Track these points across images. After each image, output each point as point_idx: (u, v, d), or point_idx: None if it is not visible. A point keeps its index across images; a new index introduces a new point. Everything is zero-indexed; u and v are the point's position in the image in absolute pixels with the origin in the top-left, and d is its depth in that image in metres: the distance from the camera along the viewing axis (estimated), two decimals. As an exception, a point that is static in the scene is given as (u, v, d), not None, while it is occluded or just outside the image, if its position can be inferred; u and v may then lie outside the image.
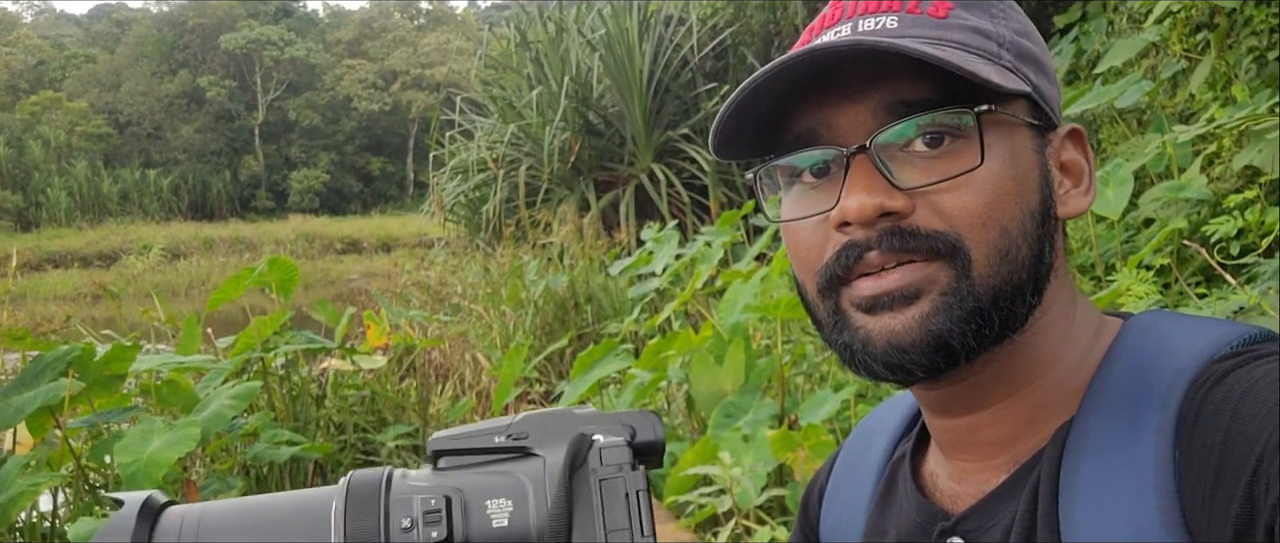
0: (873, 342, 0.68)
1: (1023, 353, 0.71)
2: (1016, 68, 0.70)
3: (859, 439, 0.89)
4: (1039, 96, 0.71)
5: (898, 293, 0.67)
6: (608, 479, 0.57)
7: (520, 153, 10.10)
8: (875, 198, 0.66)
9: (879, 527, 0.81)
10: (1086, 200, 0.74)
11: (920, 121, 0.67)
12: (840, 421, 2.89)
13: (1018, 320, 0.69)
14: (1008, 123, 0.69)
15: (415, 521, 0.55)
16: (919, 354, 0.67)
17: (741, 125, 0.73)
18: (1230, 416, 0.59)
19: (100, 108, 46.76)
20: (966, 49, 0.67)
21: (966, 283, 0.66)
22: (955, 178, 0.66)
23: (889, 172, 0.67)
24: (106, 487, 3.56)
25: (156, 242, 29.80)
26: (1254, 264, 2.30)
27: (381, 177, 50.01)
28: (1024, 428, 0.72)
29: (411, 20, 59.15)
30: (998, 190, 0.67)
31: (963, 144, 0.67)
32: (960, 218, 0.66)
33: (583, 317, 6.57)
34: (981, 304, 0.66)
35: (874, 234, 0.67)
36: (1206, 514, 0.58)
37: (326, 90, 50.24)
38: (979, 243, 0.66)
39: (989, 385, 0.72)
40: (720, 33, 9.81)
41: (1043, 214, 0.70)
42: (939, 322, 0.66)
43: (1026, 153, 0.70)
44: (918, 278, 0.66)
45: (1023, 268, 0.68)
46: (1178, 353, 0.66)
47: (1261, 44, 3.56)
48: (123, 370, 3.16)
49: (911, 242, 0.66)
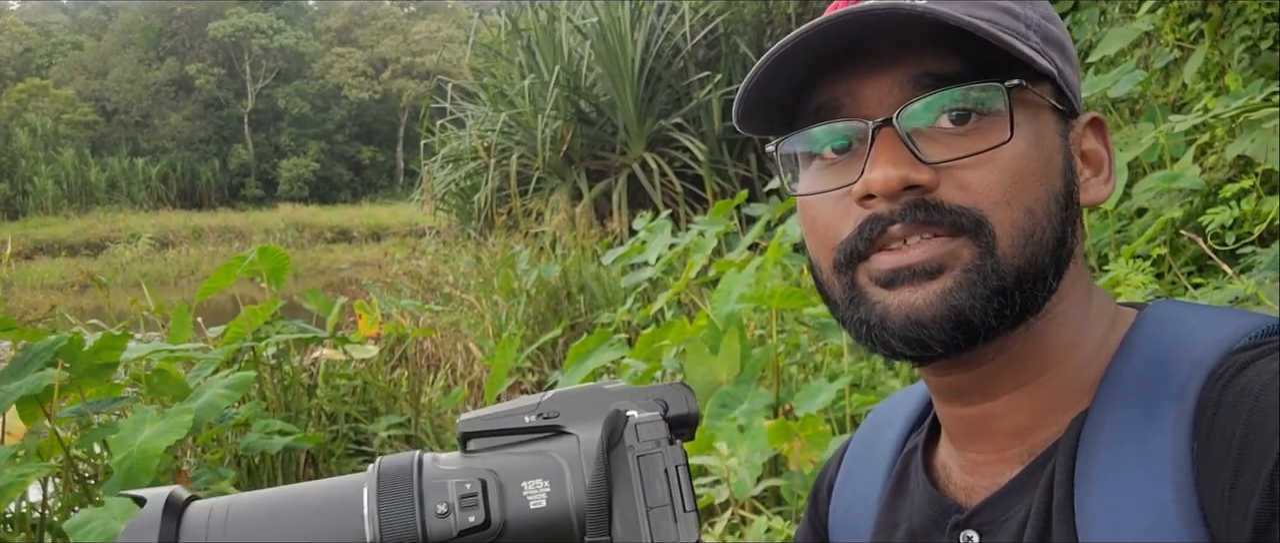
0: (891, 316, 0.67)
1: (1038, 339, 0.70)
2: (1043, 50, 0.69)
3: (870, 431, 0.88)
4: (1063, 82, 0.70)
5: (920, 267, 0.66)
6: (645, 455, 0.56)
7: (512, 141, 10.07)
8: (901, 170, 0.65)
9: (890, 520, 0.80)
10: (1107, 189, 0.73)
11: (952, 94, 0.65)
12: (835, 410, 2.89)
13: (1037, 303, 0.68)
14: (1035, 103, 0.68)
15: (451, 506, 0.54)
16: (939, 329, 0.65)
17: (763, 97, 0.71)
18: (1250, 408, 0.58)
19: (87, 95, 46.45)
20: (998, 26, 0.66)
21: (991, 260, 0.65)
22: (982, 153, 0.65)
23: (914, 146, 0.66)
24: (96, 477, 3.54)
25: (145, 230, 29.64)
26: (1249, 253, 2.31)
27: (372, 165, 49.84)
28: (1038, 419, 0.71)
29: (402, 7, 58.89)
30: (1023, 170, 0.66)
31: (990, 120, 0.66)
32: (985, 195, 0.65)
33: (576, 306, 6.56)
34: (1006, 283, 0.65)
35: (898, 207, 0.66)
36: (1225, 508, 0.57)
37: (316, 78, 50.00)
38: (1003, 221, 0.65)
39: (1004, 372, 0.70)
40: (712, 21, 9.78)
41: (1066, 198, 0.69)
42: (961, 297, 0.65)
43: (1051, 136, 0.69)
44: (941, 253, 0.65)
45: (1046, 250, 0.67)
46: (1195, 343, 0.65)
47: (1254, 33, 3.56)
48: (113, 360, 3.14)
49: (936, 215, 0.65)
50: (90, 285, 7.18)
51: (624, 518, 0.54)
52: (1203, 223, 2.37)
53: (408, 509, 0.53)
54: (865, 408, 2.94)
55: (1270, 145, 2.35)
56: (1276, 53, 3.46)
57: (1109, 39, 4.07)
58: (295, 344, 4.64)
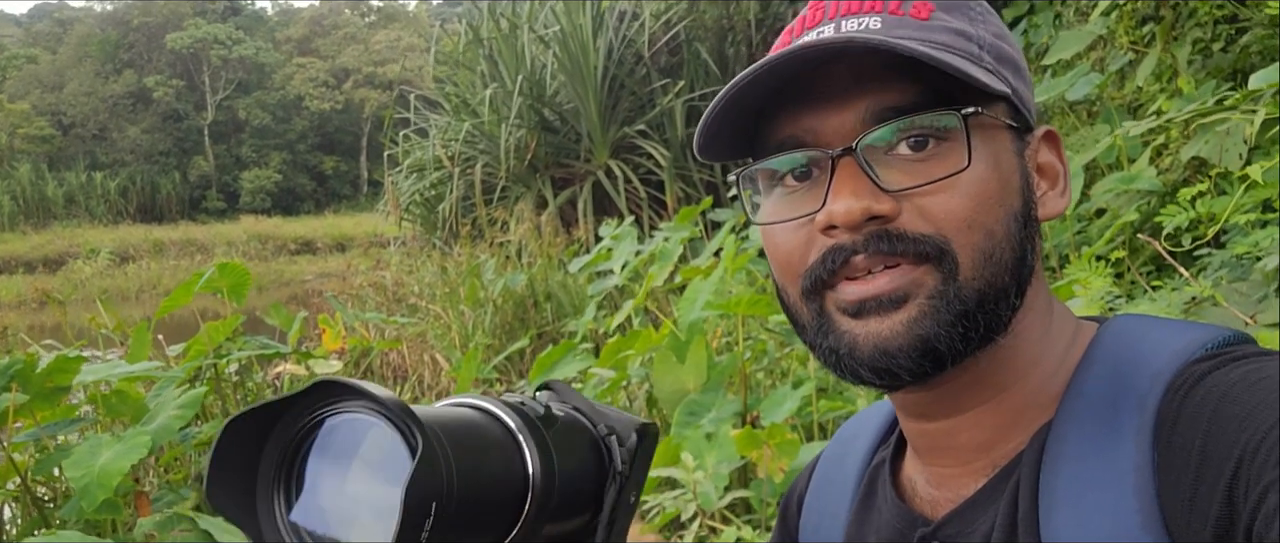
0: (859, 346, 0.67)
1: (1002, 356, 0.70)
2: (997, 70, 0.69)
3: (839, 446, 0.89)
4: (1018, 99, 0.70)
5: (885, 297, 0.66)
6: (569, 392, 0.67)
7: (476, 150, 10.02)
8: (862, 201, 0.65)
9: (859, 533, 0.80)
10: (1063, 202, 0.73)
11: (909, 123, 0.66)
12: (802, 417, 2.90)
13: (1001, 323, 0.68)
14: (991, 125, 0.69)
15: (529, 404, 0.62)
16: (906, 359, 0.66)
17: (722, 127, 0.71)
18: (1209, 418, 0.59)
19: (43, 109, 45.71)
20: (951, 51, 0.67)
21: (954, 286, 0.66)
22: (942, 180, 0.66)
23: (875, 174, 0.66)
24: (55, 501, 3.47)
25: (104, 245, 29.18)
26: (1205, 255, 2.34)
27: (335, 176, 49.46)
28: (1001, 433, 0.72)
29: (362, 17, 58.50)
30: (982, 193, 0.67)
31: (948, 147, 0.67)
32: (947, 221, 0.66)
33: (542, 315, 6.54)
34: (968, 307, 0.66)
35: (860, 238, 0.66)
36: (1186, 517, 0.58)
37: (277, 89, 49.56)
38: (965, 246, 0.66)
39: (970, 389, 0.71)
40: (674, 27, 9.80)
41: (1024, 216, 0.69)
42: (926, 326, 0.66)
43: (1007, 155, 0.69)
44: (905, 282, 0.66)
45: (1006, 270, 0.68)
46: (1154, 355, 0.66)
47: (1206, 36, 3.62)
48: (66, 382, 3.08)
49: (898, 245, 0.66)
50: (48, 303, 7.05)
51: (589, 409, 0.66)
52: (1159, 223, 2.40)
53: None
54: (832, 414, 2.94)
55: (1223, 147, 2.38)
56: (1228, 54, 3.52)
57: (1064, 42, 4.12)
58: (258, 360, 4.58)
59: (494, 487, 0.56)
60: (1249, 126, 2.24)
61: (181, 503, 3.06)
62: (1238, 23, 3.51)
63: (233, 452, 0.53)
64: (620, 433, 0.64)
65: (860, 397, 2.84)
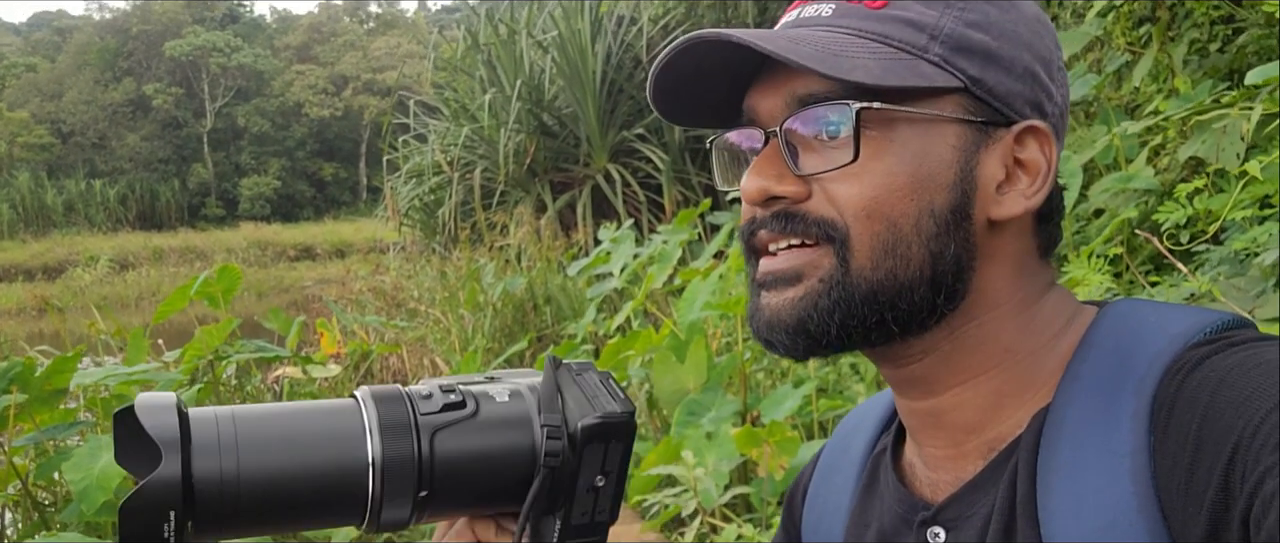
0: (758, 316, 0.72)
1: (969, 342, 0.71)
2: (946, 62, 0.68)
3: (842, 436, 0.89)
4: (984, 91, 0.69)
5: (780, 274, 0.70)
6: (580, 372, 0.70)
7: (475, 155, 10.03)
8: (762, 181, 0.70)
9: (862, 520, 0.81)
10: (1027, 203, 0.71)
11: (807, 115, 0.69)
12: (803, 416, 2.90)
13: (916, 315, 0.69)
14: (917, 119, 0.68)
15: (432, 393, 0.67)
16: (784, 335, 0.70)
17: (701, 96, 0.75)
18: (1206, 403, 0.59)
19: (42, 117, 45.74)
20: (883, 40, 0.68)
21: (845, 273, 0.68)
22: (837, 170, 0.68)
23: (794, 157, 0.69)
24: (55, 505, 3.47)
25: (104, 253, 29.16)
26: (1203, 251, 2.35)
27: (334, 182, 49.48)
28: (990, 414, 0.72)
29: (361, 24, 58.57)
30: (887, 185, 0.67)
31: (849, 139, 0.68)
32: (846, 206, 0.68)
33: (542, 318, 6.54)
34: (853, 297, 0.68)
35: (766, 214, 0.71)
36: (1182, 501, 0.58)
37: (276, 96, 49.58)
38: (862, 234, 0.68)
39: (939, 369, 0.72)
40: (671, 32, 9.81)
41: (953, 214, 0.68)
42: (804, 307, 0.69)
43: (943, 150, 0.68)
44: (801, 262, 0.70)
45: (913, 265, 0.68)
46: (1153, 338, 0.66)
47: (1202, 36, 3.62)
48: (63, 384, 3.08)
49: (798, 226, 0.69)
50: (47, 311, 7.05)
51: (573, 397, 0.69)
52: (1158, 220, 2.41)
53: (401, 408, 0.66)
54: (832, 413, 2.94)
55: (1220, 146, 2.39)
56: (1224, 55, 3.53)
57: (1060, 42, 4.12)
58: (257, 364, 4.58)
59: (309, 473, 0.61)
60: (1246, 124, 2.24)
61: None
62: (1234, 23, 3.52)
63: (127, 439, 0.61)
64: (569, 423, 0.68)
65: (861, 395, 2.84)
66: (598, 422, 0.67)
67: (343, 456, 0.62)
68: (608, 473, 0.69)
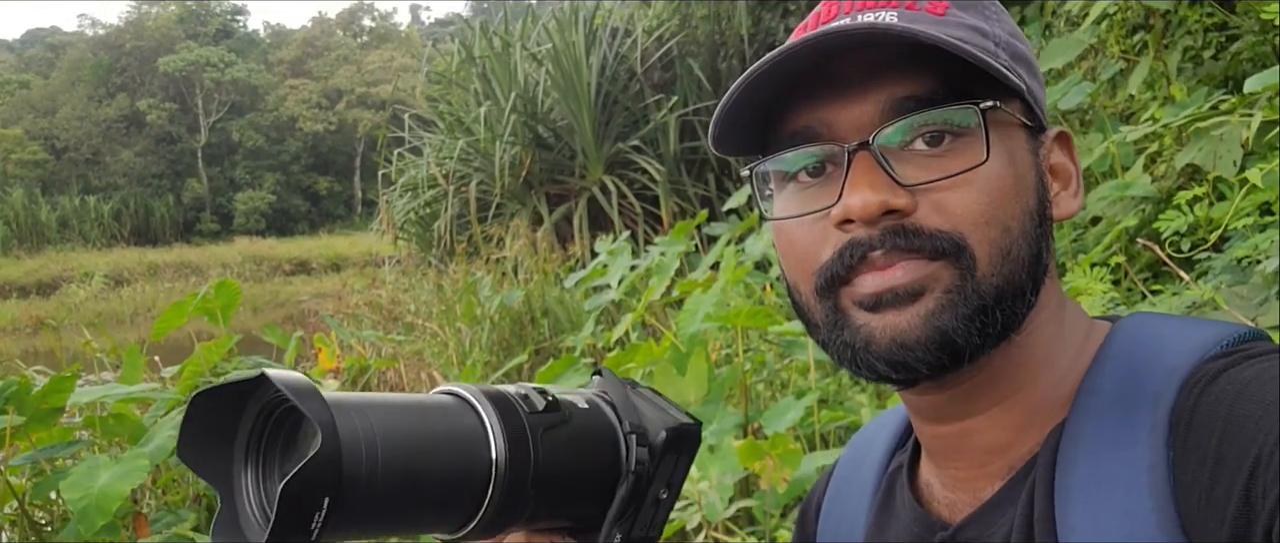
0: (876, 339, 0.66)
1: (1017, 355, 0.70)
2: (1013, 67, 0.69)
3: (855, 451, 0.88)
4: (1032, 98, 0.70)
5: (903, 290, 0.65)
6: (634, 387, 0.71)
7: (470, 168, 10.03)
8: (880, 194, 0.65)
9: (878, 537, 0.80)
10: (1076, 203, 0.73)
11: (929, 116, 0.66)
12: (804, 427, 2.89)
13: (1017, 320, 0.68)
14: (1007, 122, 0.68)
15: (529, 394, 0.65)
16: (924, 351, 0.65)
17: (738, 118, 0.71)
18: (1225, 416, 0.59)
19: (36, 134, 45.67)
20: (970, 44, 0.66)
21: (971, 281, 0.65)
22: (959, 175, 0.65)
23: (891, 168, 0.66)
24: (51, 525, 3.44)
25: (98, 269, 29.08)
26: (1204, 259, 2.35)
27: (329, 196, 49.43)
28: (1016, 434, 0.71)
29: (355, 38, 58.63)
30: (1000, 188, 0.66)
31: (965, 142, 0.66)
32: (964, 216, 0.65)
33: (540, 331, 6.53)
34: (985, 302, 0.65)
35: (877, 232, 0.66)
36: (1202, 515, 0.58)
37: (270, 111, 49.56)
38: (981, 241, 0.65)
39: (983, 389, 0.71)
40: (666, 43, 9.84)
41: (1040, 214, 0.69)
42: (945, 319, 0.65)
43: (1023, 153, 0.69)
44: (923, 275, 0.65)
45: (1023, 267, 0.67)
46: (1168, 352, 0.66)
47: (1196, 43, 3.64)
48: (61, 403, 3.06)
49: (915, 241, 0.65)
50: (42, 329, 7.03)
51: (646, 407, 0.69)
52: (1158, 228, 2.41)
53: (510, 405, 0.63)
54: (834, 424, 2.94)
55: (1217, 153, 2.39)
56: (1219, 62, 3.54)
57: (1054, 50, 4.13)
58: (255, 380, 4.56)
59: (440, 473, 0.58)
60: (1246, 130, 2.24)
61: (180, 524, 3.04)
62: (1228, 30, 3.53)
63: (205, 422, 0.57)
64: (649, 432, 0.66)
65: (863, 406, 2.83)
66: (676, 429, 0.66)
67: (471, 457, 0.60)
68: (672, 486, 0.68)
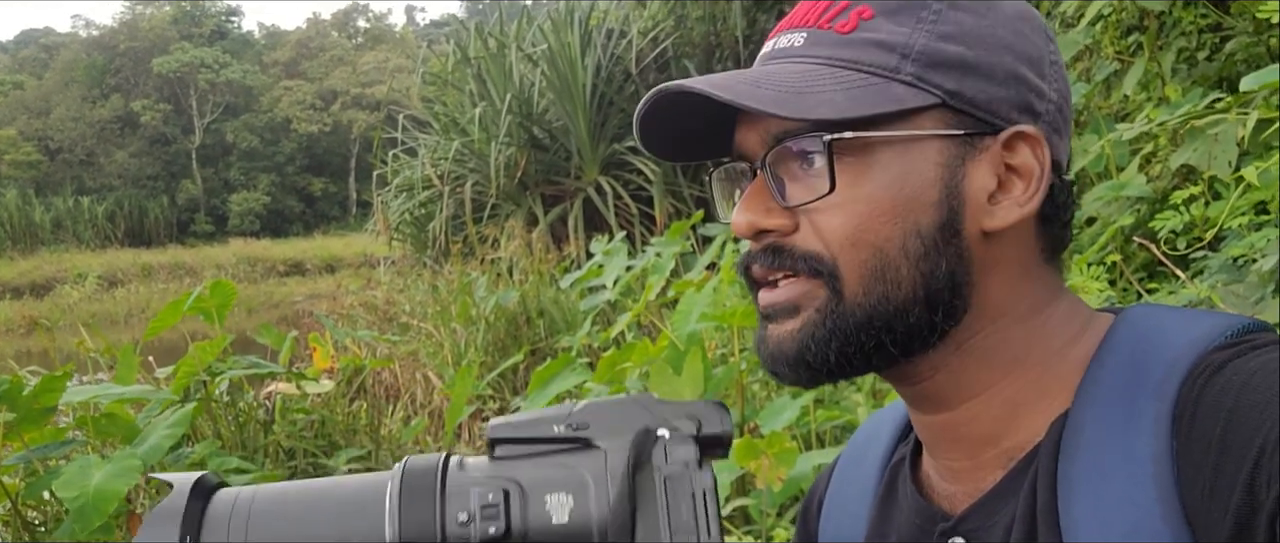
0: (763, 346, 0.72)
1: (975, 355, 0.71)
2: (920, 79, 0.67)
3: (857, 446, 0.88)
4: (963, 103, 0.68)
5: (780, 307, 0.70)
6: (673, 477, 0.54)
7: (465, 169, 10.03)
8: (750, 216, 0.70)
9: (881, 531, 0.80)
10: (1021, 210, 0.69)
11: (782, 150, 0.69)
12: (800, 427, 2.89)
13: (917, 335, 0.69)
14: (893, 141, 0.67)
15: (472, 514, 0.53)
16: (786, 366, 0.70)
17: (692, 130, 0.75)
18: (1230, 407, 0.58)
19: (29, 135, 45.58)
20: (853, 67, 0.68)
21: (840, 303, 0.68)
22: (818, 200, 0.68)
23: (781, 189, 0.69)
24: (45, 525, 3.43)
25: (92, 270, 29.01)
26: (1200, 258, 2.35)
27: (324, 197, 49.38)
28: (1006, 424, 0.71)
29: (349, 39, 58.60)
30: (869, 212, 0.67)
31: (844, 164, 0.68)
32: (831, 237, 0.68)
33: (535, 331, 6.52)
34: (848, 325, 0.68)
35: (758, 249, 0.71)
36: (1206, 506, 0.58)
37: (264, 112, 49.51)
38: (850, 264, 0.67)
39: (950, 385, 0.72)
40: (661, 44, 9.85)
41: (941, 231, 0.68)
42: (803, 338, 0.69)
43: (925, 169, 0.67)
44: (797, 293, 0.70)
45: (904, 288, 0.67)
46: (1172, 343, 0.65)
47: (1191, 44, 3.64)
48: (52, 402, 3.05)
49: (787, 261, 0.69)
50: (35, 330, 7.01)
51: (647, 541, 0.53)
52: (1154, 228, 2.41)
53: (429, 515, 0.53)
54: (830, 424, 2.94)
55: (1212, 153, 2.39)
56: (1213, 63, 3.54)
57: (1051, 52, 4.13)
58: (250, 380, 4.55)
59: None
60: (1242, 129, 2.25)
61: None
62: (1222, 31, 3.54)
63: None
64: None
65: (859, 406, 2.83)
66: None
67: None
68: None
